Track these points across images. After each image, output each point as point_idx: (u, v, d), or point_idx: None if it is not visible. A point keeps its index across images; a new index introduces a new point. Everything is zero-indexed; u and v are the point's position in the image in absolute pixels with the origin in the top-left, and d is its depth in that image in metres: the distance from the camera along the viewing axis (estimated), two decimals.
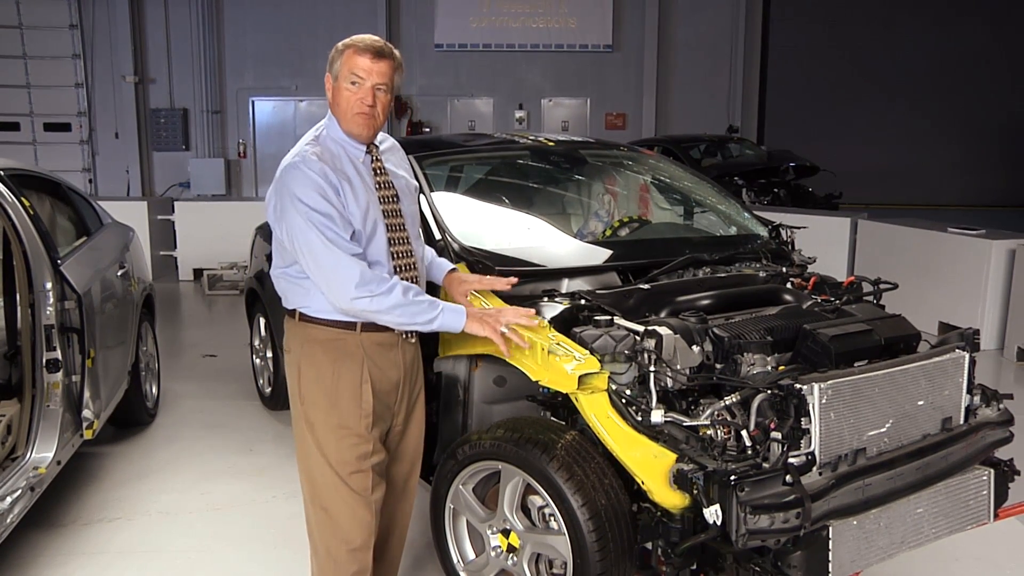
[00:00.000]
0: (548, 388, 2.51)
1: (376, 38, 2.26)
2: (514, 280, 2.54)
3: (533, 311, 2.45)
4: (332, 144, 2.28)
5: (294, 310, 2.32)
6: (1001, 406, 2.66)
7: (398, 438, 2.44)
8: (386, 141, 2.44)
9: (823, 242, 6.98)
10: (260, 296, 4.74)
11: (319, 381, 2.27)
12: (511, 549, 2.54)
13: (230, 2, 14.90)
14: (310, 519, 2.36)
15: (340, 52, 2.25)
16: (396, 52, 2.27)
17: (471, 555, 2.70)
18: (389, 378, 2.33)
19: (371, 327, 2.26)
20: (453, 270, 2.62)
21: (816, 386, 2.17)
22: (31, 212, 3.35)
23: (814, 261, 3.39)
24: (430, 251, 2.66)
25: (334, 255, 2.13)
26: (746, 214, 3.72)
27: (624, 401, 2.30)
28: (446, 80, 15.41)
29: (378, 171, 2.34)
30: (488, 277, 2.59)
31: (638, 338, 2.37)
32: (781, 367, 2.41)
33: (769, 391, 2.21)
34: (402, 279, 2.27)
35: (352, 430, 2.26)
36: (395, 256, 2.31)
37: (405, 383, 2.39)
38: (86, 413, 3.41)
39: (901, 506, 2.32)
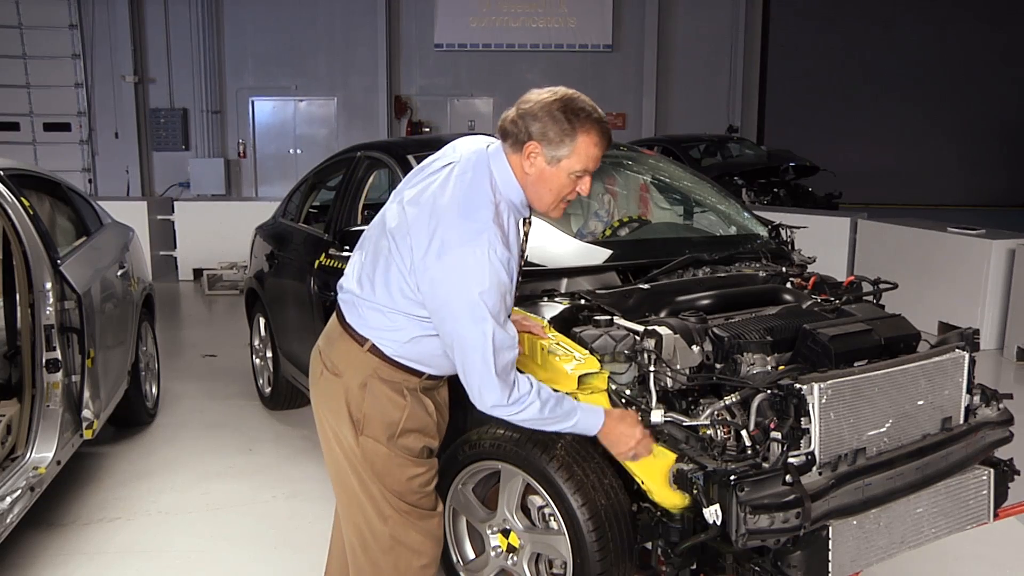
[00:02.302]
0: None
1: (601, 112, 2.00)
2: (543, 324, 2.45)
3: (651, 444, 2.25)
4: (506, 212, 1.98)
5: (365, 338, 2.12)
6: (1001, 406, 2.65)
7: None
8: None
9: (823, 242, 6.99)
10: (260, 296, 4.74)
11: (384, 417, 2.13)
12: (511, 549, 2.54)
13: (230, 2, 14.91)
14: (371, 536, 2.22)
15: (569, 133, 1.92)
16: None
17: (471, 555, 2.70)
18: (441, 417, 2.29)
19: (432, 377, 2.18)
20: None
21: (816, 386, 2.16)
22: (31, 212, 3.35)
23: (814, 261, 3.39)
24: None
25: (486, 369, 1.93)
26: (746, 214, 3.72)
27: (624, 401, 2.30)
28: (446, 80, 15.43)
29: (525, 236, 2.15)
30: (528, 320, 2.45)
31: (638, 338, 2.37)
32: (781, 367, 2.41)
33: (769, 391, 2.20)
34: None
35: (417, 462, 2.19)
36: None
37: (447, 420, 2.37)
38: (86, 413, 3.41)
39: (901, 506, 2.32)
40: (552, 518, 2.38)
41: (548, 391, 2.08)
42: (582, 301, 2.68)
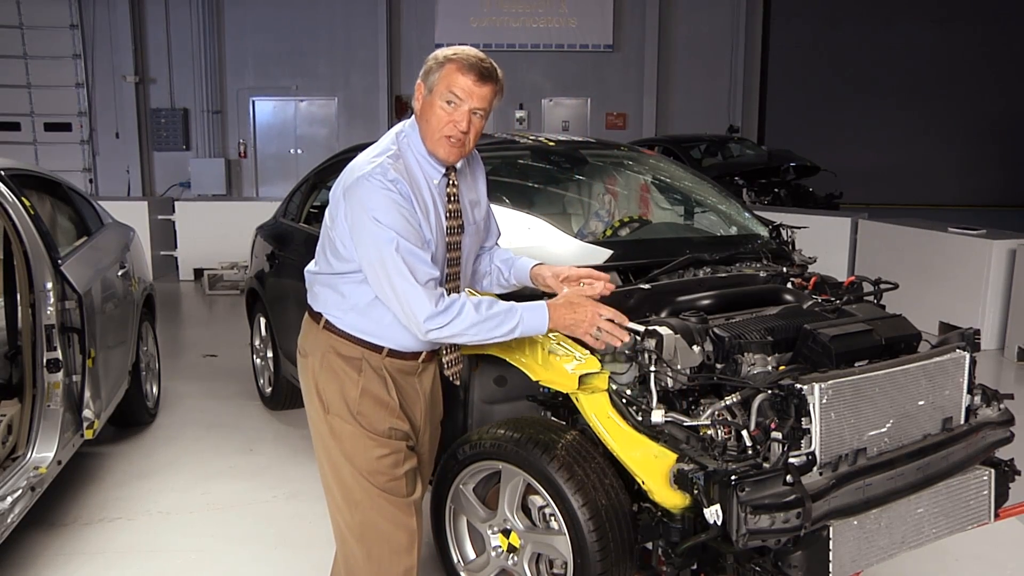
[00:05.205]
0: (548, 388, 2.51)
1: (482, 55, 2.08)
2: (611, 286, 2.32)
3: (622, 314, 2.26)
4: (412, 158, 2.12)
5: (320, 314, 2.22)
6: (1001, 406, 2.65)
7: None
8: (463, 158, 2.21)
9: (823, 242, 6.99)
10: (261, 296, 4.74)
11: (343, 392, 2.18)
12: (511, 549, 2.54)
13: (230, 2, 14.92)
14: (344, 525, 2.25)
15: (440, 64, 2.06)
16: (500, 73, 2.09)
17: (471, 555, 2.70)
18: (410, 403, 2.27)
19: (396, 354, 2.19)
20: (540, 263, 2.41)
21: (816, 386, 2.16)
22: (32, 212, 3.35)
23: (814, 261, 3.39)
24: (508, 252, 2.49)
25: (407, 284, 2.01)
26: (746, 214, 3.72)
27: (624, 401, 2.30)
28: None
29: (451, 198, 2.17)
30: (585, 269, 2.36)
31: (638, 338, 2.36)
32: (782, 367, 2.41)
33: (770, 391, 2.20)
34: None
35: (380, 442, 2.19)
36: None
37: (427, 411, 2.34)
38: (87, 413, 3.41)
39: (902, 506, 2.32)
40: (553, 518, 2.38)
41: (479, 296, 2.12)
42: None
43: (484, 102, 2.07)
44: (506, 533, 2.54)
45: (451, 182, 2.18)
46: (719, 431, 2.23)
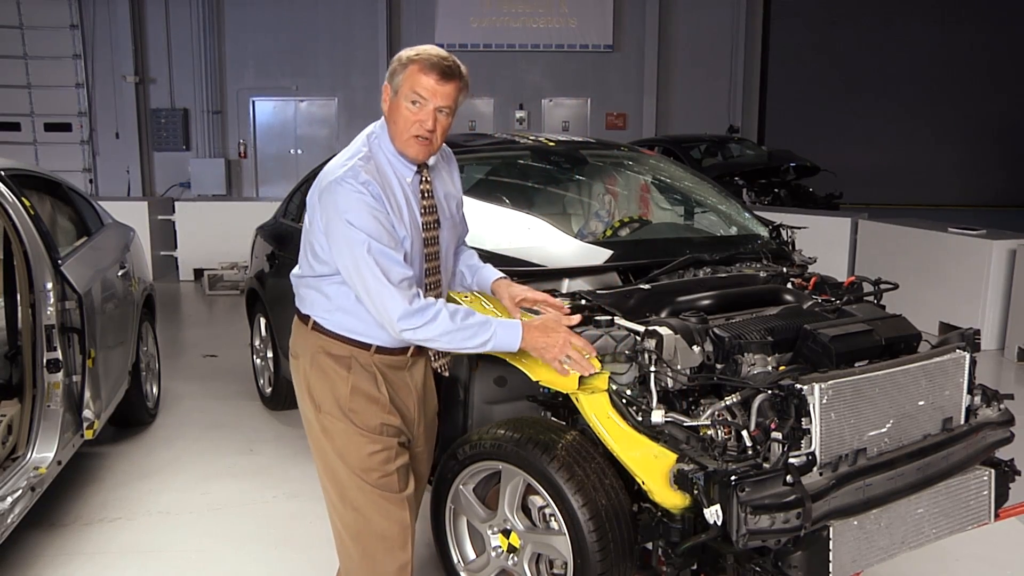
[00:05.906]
0: (548, 388, 2.51)
1: (444, 54, 2.10)
2: (567, 311, 2.37)
3: (592, 347, 2.31)
4: (383, 159, 2.16)
5: (308, 316, 2.24)
6: (1002, 406, 2.65)
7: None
8: (434, 155, 2.24)
9: (823, 242, 6.99)
10: (261, 296, 4.74)
11: (333, 391, 2.20)
12: (511, 549, 2.54)
13: (230, 2, 14.92)
14: (340, 523, 2.26)
15: (403, 65, 2.10)
16: (463, 70, 2.12)
17: (471, 555, 2.70)
18: (402, 397, 2.28)
19: (384, 350, 2.21)
20: (502, 277, 2.47)
21: (817, 386, 2.17)
22: (32, 212, 3.36)
23: (815, 261, 3.39)
24: (473, 256, 2.52)
25: (380, 284, 2.04)
26: (746, 214, 3.72)
27: (624, 401, 2.30)
28: None
29: (425, 194, 2.21)
30: (542, 294, 2.43)
31: (639, 338, 2.37)
32: (782, 367, 2.41)
33: (770, 391, 2.21)
34: None
35: (372, 438, 2.20)
36: (425, 287, 2.23)
37: (420, 404, 2.34)
38: (87, 413, 3.41)
39: (902, 506, 2.32)
40: (553, 518, 2.38)
41: (456, 305, 2.15)
42: (583, 301, 2.68)
43: (448, 100, 2.10)
44: (506, 533, 2.54)
45: (424, 178, 2.21)
46: (719, 431, 2.23)
